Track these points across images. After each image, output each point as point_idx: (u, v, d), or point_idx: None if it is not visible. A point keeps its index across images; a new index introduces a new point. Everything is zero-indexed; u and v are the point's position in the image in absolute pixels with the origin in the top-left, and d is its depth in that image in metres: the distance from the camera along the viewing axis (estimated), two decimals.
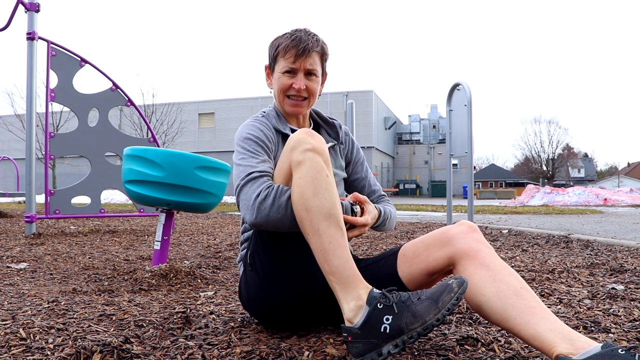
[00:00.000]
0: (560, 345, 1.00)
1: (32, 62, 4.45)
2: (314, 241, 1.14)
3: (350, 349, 1.08)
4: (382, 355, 1.05)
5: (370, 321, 1.07)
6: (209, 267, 2.75)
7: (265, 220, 1.20)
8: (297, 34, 1.44)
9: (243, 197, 1.25)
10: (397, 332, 1.05)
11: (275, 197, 1.19)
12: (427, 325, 1.04)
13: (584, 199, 14.80)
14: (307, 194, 1.14)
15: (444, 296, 1.06)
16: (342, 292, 1.11)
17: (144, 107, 22.93)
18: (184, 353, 1.23)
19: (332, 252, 1.12)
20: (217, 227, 5.57)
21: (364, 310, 1.08)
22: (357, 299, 1.10)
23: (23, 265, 2.79)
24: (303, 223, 1.15)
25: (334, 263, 1.12)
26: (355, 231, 1.31)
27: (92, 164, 4.84)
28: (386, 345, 1.05)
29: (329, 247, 1.12)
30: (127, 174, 2.45)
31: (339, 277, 1.11)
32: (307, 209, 1.14)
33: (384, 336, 1.05)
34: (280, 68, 1.45)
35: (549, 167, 46.68)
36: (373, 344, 1.06)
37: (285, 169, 1.23)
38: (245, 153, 1.35)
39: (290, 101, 1.48)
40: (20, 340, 1.32)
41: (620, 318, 1.59)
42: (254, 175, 1.26)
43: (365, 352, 1.06)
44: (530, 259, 2.98)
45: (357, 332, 1.07)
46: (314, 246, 1.14)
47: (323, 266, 1.14)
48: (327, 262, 1.12)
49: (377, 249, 3.51)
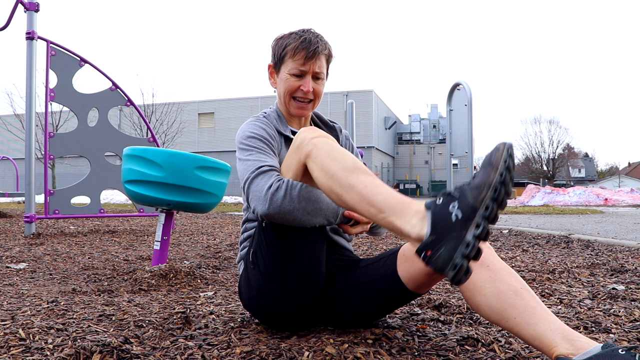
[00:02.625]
0: (561, 345, 0.99)
1: (31, 62, 4.44)
2: (349, 197, 1.10)
3: (436, 264, 0.95)
4: (470, 244, 0.92)
5: (438, 220, 0.97)
6: (209, 267, 2.75)
7: (277, 211, 1.19)
8: (306, 35, 1.44)
9: (254, 189, 1.24)
10: (470, 211, 0.94)
11: (287, 190, 1.19)
12: (494, 184, 0.93)
13: (585, 199, 14.80)
14: (326, 165, 1.14)
15: (493, 157, 0.96)
16: (400, 218, 1.03)
17: (144, 107, 22.92)
18: (184, 353, 1.23)
19: (371, 193, 1.08)
20: (217, 227, 5.57)
21: (426, 216, 1.00)
22: (416, 213, 1.02)
23: (22, 265, 2.79)
24: (333, 190, 1.13)
25: (378, 200, 1.06)
26: (358, 227, 1.32)
27: (91, 164, 4.83)
28: (467, 231, 0.94)
29: (366, 191, 1.08)
30: (126, 174, 2.45)
31: (389, 209, 1.05)
32: (331, 176, 1.13)
33: (460, 224, 0.95)
34: (289, 69, 1.45)
35: (549, 167, 46.68)
36: (453, 239, 0.94)
37: (294, 166, 1.23)
38: (253, 149, 1.35)
39: (296, 103, 1.48)
40: (20, 340, 1.32)
41: (620, 318, 1.59)
42: (264, 169, 1.26)
43: (452, 254, 0.93)
44: (531, 259, 2.98)
45: (431, 238, 0.96)
46: (353, 201, 1.10)
47: (370, 211, 1.07)
48: (371, 204, 1.07)
49: (377, 249, 3.51)
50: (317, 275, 1.35)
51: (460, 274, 0.92)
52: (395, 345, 1.30)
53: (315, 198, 1.22)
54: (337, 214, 1.27)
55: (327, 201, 1.25)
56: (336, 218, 1.28)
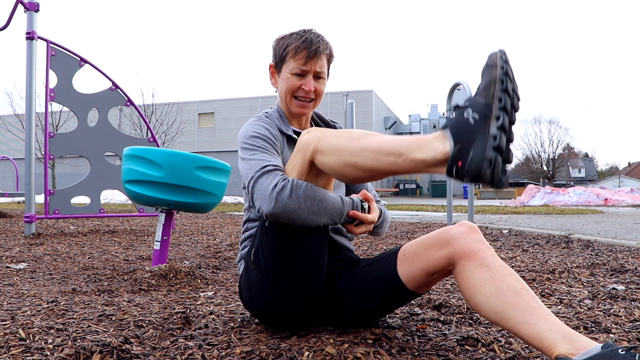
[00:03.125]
0: (560, 345, 0.99)
1: (31, 62, 4.44)
2: (365, 159, 1.09)
3: (470, 170, 0.93)
4: (497, 136, 0.92)
5: (457, 129, 0.97)
6: (209, 267, 2.75)
7: (283, 211, 1.19)
8: (307, 35, 1.45)
9: (259, 188, 1.24)
10: (486, 109, 0.95)
11: (292, 189, 1.19)
12: (499, 78, 0.95)
13: (585, 199, 14.79)
14: (334, 145, 1.15)
15: (489, 60, 0.99)
16: (421, 151, 1.01)
17: (144, 107, 22.92)
18: (184, 353, 1.23)
19: (384, 145, 1.07)
20: (217, 227, 5.57)
21: (445, 134, 0.99)
22: (435, 139, 1.01)
23: (22, 265, 2.79)
24: (347, 162, 1.12)
25: (394, 146, 1.06)
26: (362, 227, 1.32)
27: (91, 164, 4.83)
28: (490, 126, 0.94)
29: (379, 145, 1.08)
30: (126, 174, 2.45)
31: (407, 148, 1.03)
32: (341, 150, 1.13)
33: (480, 124, 0.95)
34: (290, 69, 1.45)
35: (549, 167, 46.67)
36: (479, 139, 0.94)
37: (299, 166, 1.23)
38: (256, 149, 1.35)
39: (297, 102, 1.49)
40: (20, 340, 1.32)
41: (620, 318, 1.59)
42: (269, 168, 1.26)
43: (482, 152, 0.92)
44: (531, 259, 2.98)
45: (457, 148, 0.96)
46: (370, 161, 1.09)
47: (389, 161, 1.06)
48: (388, 153, 1.06)
49: (377, 249, 3.51)
50: (319, 276, 1.35)
51: (498, 169, 0.91)
52: (395, 345, 1.30)
53: (320, 198, 1.22)
54: (342, 214, 1.27)
55: (332, 201, 1.25)
56: (341, 218, 1.27)
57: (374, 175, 1.13)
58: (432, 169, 1.02)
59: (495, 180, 0.91)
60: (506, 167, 0.93)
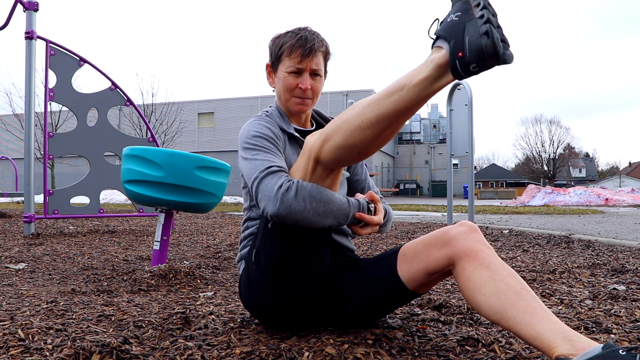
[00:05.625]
0: (561, 345, 0.99)
1: (30, 62, 4.44)
2: (369, 113, 1.08)
3: (472, 51, 0.93)
4: (483, 15, 0.93)
5: (444, 30, 0.98)
6: (209, 268, 2.74)
7: (288, 211, 1.18)
8: (302, 33, 1.44)
9: (264, 188, 1.22)
10: (463, 4, 0.98)
11: (297, 190, 1.18)
12: None
13: (585, 199, 14.79)
14: (339, 123, 1.13)
15: None
16: (421, 74, 1.01)
17: (143, 107, 22.90)
18: (184, 354, 1.23)
19: (385, 91, 1.06)
20: (217, 227, 5.56)
21: (437, 43, 1.00)
22: (430, 55, 1.02)
23: (22, 265, 2.79)
24: (353, 127, 1.11)
25: (393, 86, 1.05)
26: (367, 229, 1.31)
27: (91, 164, 4.83)
28: (473, 10, 0.95)
29: (381, 94, 1.07)
30: (126, 174, 2.45)
31: (407, 80, 1.03)
32: (345, 120, 1.12)
33: (464, 16, 0.96)
34: (286, 67, 1.45)
35: (550, 167, 46.70)
36: (469, 24, 0.94)
37: (303, 167, 1.21)
38: (259, 149, 1.33)
39: (295, 99, 1.48)
40: (19, 341, 1.32)
41: (621, 319, 1.59)
42: (273, 169, 1.25)
43: (476, 32, 0.93)
44: (531, 259, 2.97)
45: (452, 42, 0.96)
46: (375, 112, 1.07)
47: (394, 99, 1.05)
48: (391, 93, 1.05)
49: (377, 249, 3.51)
50: (320, 277, 1.34)
51: (497, 39, 0.90)
52: (396, 345, 1.30)
53: (326, 199, 1.20)
54: (347, 216, 1.26)
55: (339, 202, 1.23)
56: (346, 219, 1.26)
57: (382, 127, 1.09)
58: (438, 82, 1.00)
59: (499, 49, 0.91)
60: (505, 40, 0.93)
